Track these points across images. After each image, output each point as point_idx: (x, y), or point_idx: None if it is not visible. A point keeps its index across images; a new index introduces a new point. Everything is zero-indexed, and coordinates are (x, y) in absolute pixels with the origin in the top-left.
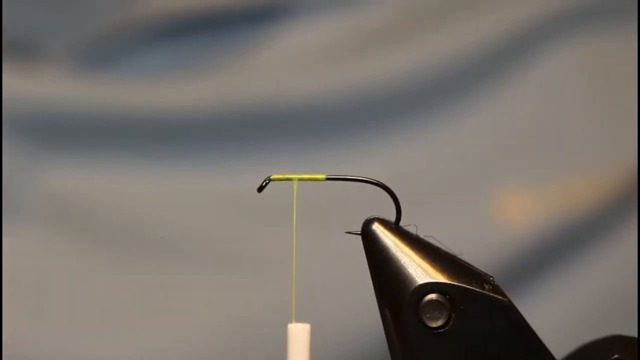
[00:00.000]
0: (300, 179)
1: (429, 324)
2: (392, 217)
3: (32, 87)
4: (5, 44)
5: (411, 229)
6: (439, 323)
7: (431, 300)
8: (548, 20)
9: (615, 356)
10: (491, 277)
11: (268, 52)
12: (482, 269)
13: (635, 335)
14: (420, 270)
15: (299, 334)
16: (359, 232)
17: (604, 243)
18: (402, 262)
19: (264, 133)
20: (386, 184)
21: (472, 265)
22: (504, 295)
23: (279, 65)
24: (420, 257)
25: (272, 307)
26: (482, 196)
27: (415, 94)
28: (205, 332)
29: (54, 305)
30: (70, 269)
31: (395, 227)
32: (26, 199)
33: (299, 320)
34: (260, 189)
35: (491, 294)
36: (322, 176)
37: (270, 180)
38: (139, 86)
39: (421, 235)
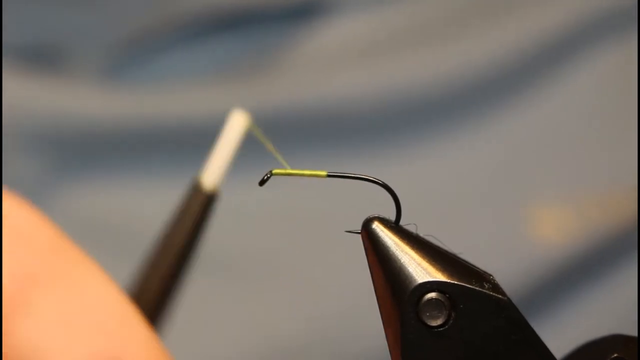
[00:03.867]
0: (301, 175)
1: (428, 323)
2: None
3: (57, 96)
4: (29, 50)
5: (411, 228)
6: (439, 322)
7: (431, 299)
8: (585, 28)
9: (615, 355)
10: (491, 275)
11: (302, 52)
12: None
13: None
14: (420, 269)
15: (236, 122)
16: (359, 231)
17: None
18: (402, 260)
19: (298, 137)
20: (390, 187)
21: (472, 264)
22: (504, 294)
23: (314, 66)
24: (420, 256)
25: (312, 324)
26: (514, 210)
27: (449, 99)
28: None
29: None
30: None
31: (395, 226)
32: (52, 213)
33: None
34: (262, 182)
35: (491, 293)
36: (323, 173)
37: (272, 174)
38: (164, 93)
39: (421, 234)
